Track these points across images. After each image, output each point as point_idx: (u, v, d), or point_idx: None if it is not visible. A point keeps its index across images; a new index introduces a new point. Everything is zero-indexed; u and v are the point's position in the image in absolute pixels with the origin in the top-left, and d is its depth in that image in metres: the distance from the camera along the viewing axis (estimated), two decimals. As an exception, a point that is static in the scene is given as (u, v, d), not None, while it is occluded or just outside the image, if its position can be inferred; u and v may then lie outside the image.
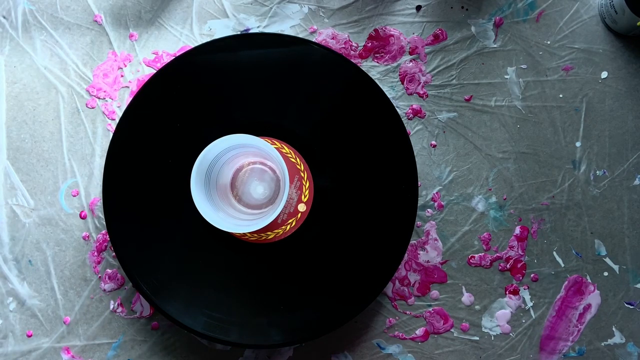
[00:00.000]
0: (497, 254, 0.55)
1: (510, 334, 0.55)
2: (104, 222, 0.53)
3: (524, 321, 0.55)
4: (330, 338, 0.55)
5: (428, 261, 0.55)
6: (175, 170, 0.52)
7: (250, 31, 0.56)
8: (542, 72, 0.56)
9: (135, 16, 0.56)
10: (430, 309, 0.55)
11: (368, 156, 0.53)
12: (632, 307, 0.55)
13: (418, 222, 0.55)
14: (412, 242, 0.55)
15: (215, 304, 0.51)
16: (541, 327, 0.55)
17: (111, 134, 0.55)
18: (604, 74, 0.56)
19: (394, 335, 0.55)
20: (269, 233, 0.52)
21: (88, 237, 0.55)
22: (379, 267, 0.52)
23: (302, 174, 0.53)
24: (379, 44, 0.56)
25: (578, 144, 0.56)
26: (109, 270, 0.55)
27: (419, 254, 0.55)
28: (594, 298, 0.55)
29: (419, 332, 0.55)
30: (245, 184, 0.53)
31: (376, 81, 0.54)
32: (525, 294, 0.55)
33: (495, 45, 0.56)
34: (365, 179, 0.53)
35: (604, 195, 0.56)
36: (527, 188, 0.56)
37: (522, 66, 0.56)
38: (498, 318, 0.55)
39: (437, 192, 0.56)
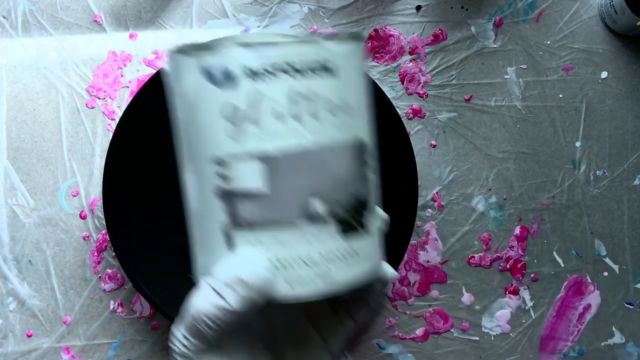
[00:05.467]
0: (497, 254, 0.55)
1: (510, 334, 0.55)
2: (104, 222, 0.53)
3: (524, 321, 0.55)
4: (330, 338, 0.55)
5: (428, 261, 0.55)
6: (175, 170, 0.52)
7: (250, 31, 0.56)
8: (542, 72, 0.56)
9: (135, 16, 0.56)
10: (430, 309, 0.55)
11: (368, 156, 0.53)
12: (632, 307, 0.55)
13: (418, 222, 0.55)
14: (412, 242, 0.55)
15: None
16: (541, 327, 0.55)
17: (111, 134, 0.55)
18: (604, 74, 0.56)
19: (394, 335, 0.55)
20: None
21: (88, 237, 0.55)
22: (379, 267, 0.52)
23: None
24: (379, 44, 0.56)
25: (578, 144, 0.56)
26: (109, 270, 0.55)
27: (419, 254, 0.55)
28: (594, 298, 0.55)
29: (419, 332, 0.55)
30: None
31: (376, 81, 0.54)
32: (525, 294, 0.55)
33: (495, 45, 0.56)
34: (365, 179, 0.53)
35: (604, 195, 0.56)
36: (527, 188, 0.56)
37: (522, 66, 0.56)
38: (498, 318, 0.55)
39: (437, 192, 0.56)
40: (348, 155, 0.30)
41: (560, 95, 0.56)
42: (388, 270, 0.33)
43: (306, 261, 0.29)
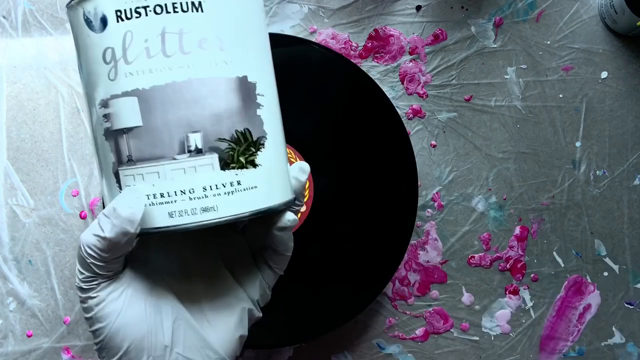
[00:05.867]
0: (497, 254, 0.55)
1: (510, 334, 0.55)
2: (104, 222, 0.53)
3: (524, 321, 0.55)
4: (330, 338, 0.55)
5: (428, 261, 0.55)
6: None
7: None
8: (542, 72, 0.56)
9: (135, 16, 0.56)
10: (430, 309, 0.55)
11: (368, 156, 0.53)
12: (632, 307, 0.55)
13: (418, 222, 0.55)
14: (412, 242, 0.55)
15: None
16: (541, 327, 0.55)
17: (111, 134, 0.55)
18: (604, 74, 0.56)
19: (394, 335, 0.55)
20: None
21: (88, 237, 0.55)
22: (379, 267, 0.52)
23: (302, 174, 0.52)
24: (379, 44, 0.56)
25: (578, 144, 0.56)
26: (109, 270, 0.55)
27: (419, 254, 0.55)
28: (594, 298, 0.55)
29: (419, 332, 0.55)
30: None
31: (376, 81, 0.54)
32: (525, 294, 0.55)
33: (495, 45, 0.56)
34: (365, 179, 0.53)
35: (604, 195, 0.56)
36: (527, 188, 0.56)
37: (522, 66, 0.56)
38: (498, 318, 0.55)
39: (437, 192, 0.56)
40: (226, 91, 0.30)
41: (560, 95, 0.56)
42: (286, 214, 0.35)
43: (187, 194, 0.30)
